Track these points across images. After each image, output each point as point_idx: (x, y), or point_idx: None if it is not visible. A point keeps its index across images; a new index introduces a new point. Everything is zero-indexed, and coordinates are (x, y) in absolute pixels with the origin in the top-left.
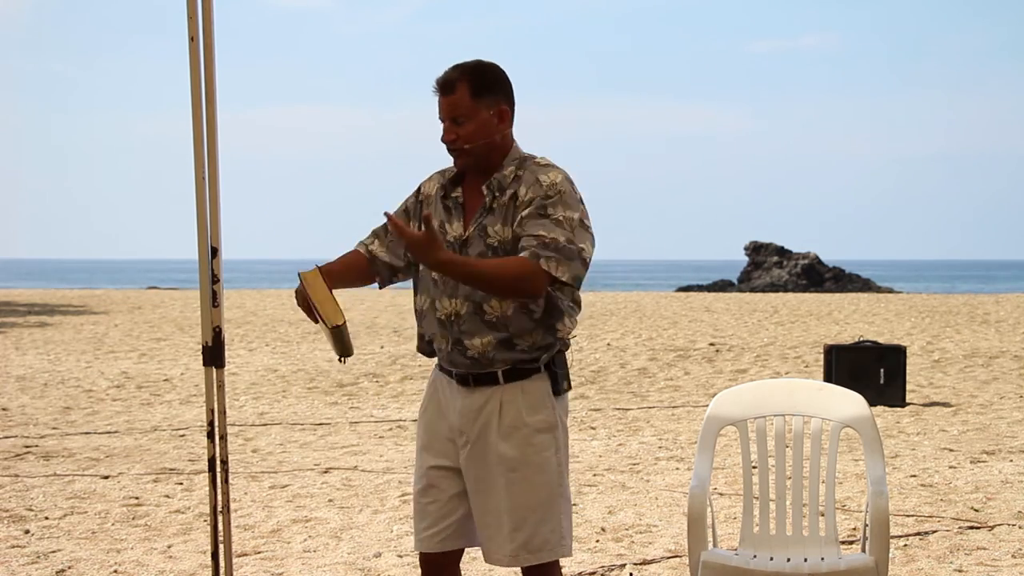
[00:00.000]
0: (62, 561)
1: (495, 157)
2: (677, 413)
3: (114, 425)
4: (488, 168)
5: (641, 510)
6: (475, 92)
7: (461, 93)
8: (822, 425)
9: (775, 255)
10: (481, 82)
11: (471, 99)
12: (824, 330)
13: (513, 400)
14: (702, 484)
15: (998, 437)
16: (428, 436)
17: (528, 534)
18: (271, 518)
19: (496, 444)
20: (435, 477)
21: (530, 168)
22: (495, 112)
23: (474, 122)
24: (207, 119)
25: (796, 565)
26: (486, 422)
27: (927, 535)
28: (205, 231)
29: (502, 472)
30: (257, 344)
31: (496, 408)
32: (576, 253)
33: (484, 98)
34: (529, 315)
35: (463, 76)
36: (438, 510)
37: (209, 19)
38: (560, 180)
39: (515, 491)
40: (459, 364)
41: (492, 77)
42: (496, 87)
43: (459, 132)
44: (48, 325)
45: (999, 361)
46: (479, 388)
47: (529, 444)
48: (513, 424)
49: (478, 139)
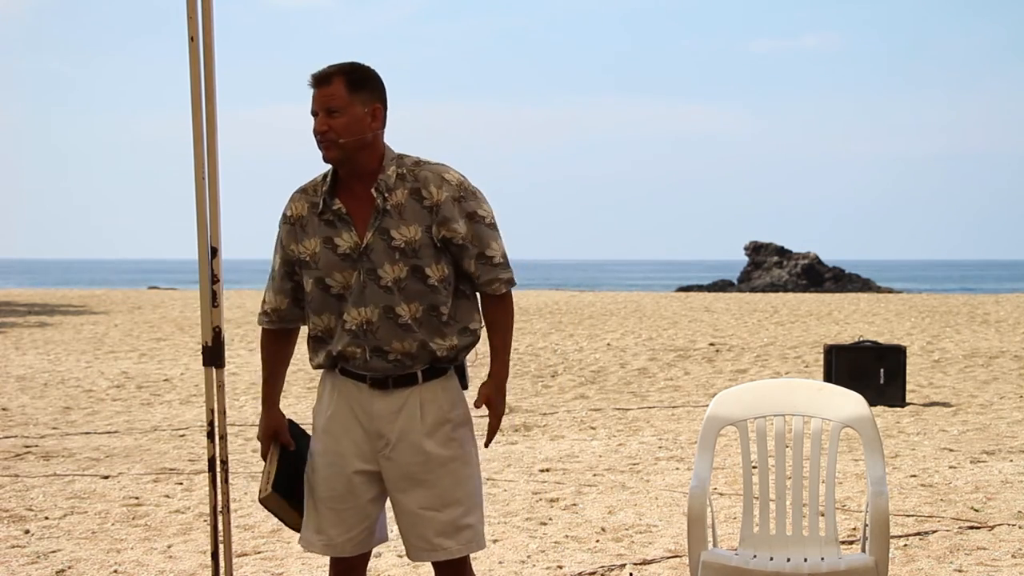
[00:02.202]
0: (62, 561)
1: (368, 157)
2: (677, 413)
3: (114, 425)
4: (361, 171)
5: (641, 510)
6: (351, 86)
7: (337, 86)
8: (822, 425)
9: (775, 255)
10: (357, 77)
11: (347, 93)
12: (824, 330)
13: (434, 398)
14: (702, 484)
15: (998, 437)
16: (343, 442)
17: (456, 527)
18: (271, 518)
19: (421, 442)
20: (357, 482)
21: (426, 167)
22: (369, 110)
23: (348, 116)
24: (207, 119)
25: (796, 565)
26: (407, 422)
27: (927, 535)
28: (205, 231)
29: (431, 469)
30: (257, 344)
31: (417, 407)
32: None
33: (359, 93)
34: (439, 316)
35: (340, 71)
36: (355, 515)
37: (209, 19)
38: (462, 176)
39: (444, 485)
40: (378, 369)
41: (368, 76)
42: (371, 85)
43: (332, 124)
44: (48, 325)
45: (999, 361)
46: (397, 389)
47: (452, 439)
48: (436, 421)
49: (351, 134)
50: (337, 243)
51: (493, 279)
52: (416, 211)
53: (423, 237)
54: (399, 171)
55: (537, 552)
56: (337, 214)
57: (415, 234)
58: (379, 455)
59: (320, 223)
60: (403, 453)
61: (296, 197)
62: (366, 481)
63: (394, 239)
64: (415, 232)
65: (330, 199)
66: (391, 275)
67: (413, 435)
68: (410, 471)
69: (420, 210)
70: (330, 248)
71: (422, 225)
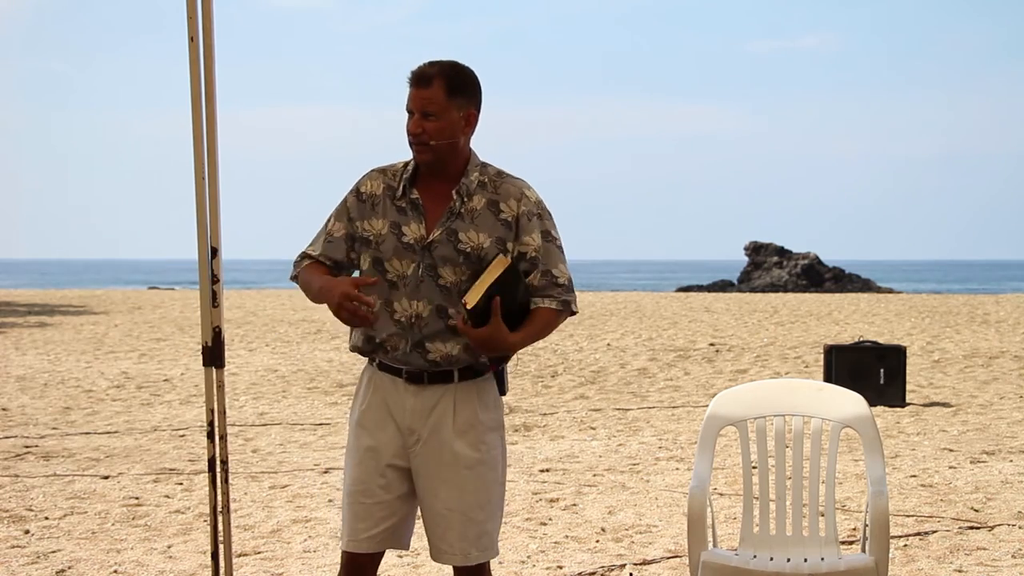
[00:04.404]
0: (62, 561)
1: (455, 161)
2: (677, 413)
3: (114, 425)
4: (445, 171)
5: (641, 510)
6: (450, 91)
7: (436, 88)
8: (822, 425)
9: (775, 255)
10: (457, 82)
11: (445, 96)
12: (824, 330)
13: (468, 399)
14: (702, 484)
15: (998, 437)
16: (376, 436)
17: (477, 532)
18: (271, 518)
19: (451, 442)
20: (390, 477)
21: (508, 180)
22: (464, 115)
23: (443, 120)
24: (207, 119)
25: (796, 565)
26: (439, 419)
27: (927, 535)
28: (205, 231)
29: (457, 470)
30: (257, 344)
31: (450, 406)
32: (572, 282)
33: (457, 98)
34: None
35: (441, 72)
36: (382, 511)
37: (209, 19)
38: (539, 196)
39: (469, 488)
40: (415, 364)
41: (468, 80)
42: (470, 91)
43: (426, 126)
44: (48, 325)
45: (999, 361)
46: (432, 386)
47: (482, 442)
48: (468, 422)
49: (444, 137)
50: (404, 231)
51: (549, 295)
52: (490, 221)
53: (491, 247)
54: (481, 179)
55: (537, 552)
56: (413, 203)
57: (484, 242)
58: (410, 451)
59: (392, 207)
60: (432, 451)
61: (373, 175)
62: (399, 477)
63: (461, 242)
64: (484, 240)
65: (409, 187)
66: (451, 276)
67: (444, 433)
68: (436, 471)
69: (494, 221)
70: (396, 234)
71: (492, 236)
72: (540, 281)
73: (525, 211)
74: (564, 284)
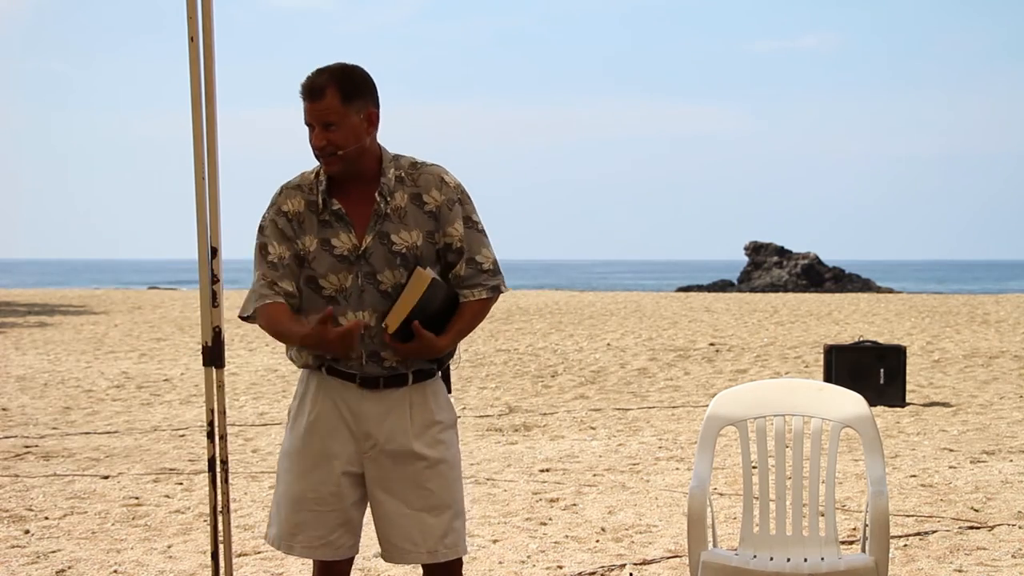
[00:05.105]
0: (62, 561)
1: (367, 163)
2: (677, 413)
3: (114, 425)
4: (360, 175)
5: (641, 510)
6: (344, 96)
7: (330, 98)
8: (822, 425)
9: (775, 255)
10: (350, 87)
11: (341, 103)
12: (824, 330)
13: (423, 400)
14: (702, 484)
15: (998, 437)
16: (328, 443)
17: (444, 529)
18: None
19: (410, 443)
20: (344, 484)
21: (424, 169)
22: (364, 116)
23: (344, 127)
24: (207, 119)
25: (796, 565)
26: (396, 423)
27: (927, 535)
28: (205, 231)
29: (419, 470)
30: (257, 344)
31: (406, 408)
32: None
33: (354, 102)
34: None
35: (331, 81)
36: (336, 518)
37: (209, 19)
38: (457, 179)
39: (432, 487)
40: (371, 371)
41: (360, 81)
42: (364, 90)
43: (330, 137)
44: (48, 325)
45: (999, 361)
46: (387, 390)
47: (440, 441)
48: (425, 423)
49: (350, 144)
50: (335, 244)
51: (477, 284)
52: (417, 216)
53: (424, 243)
54: (398, 173)
55: (537, 552)
56: (336, 215)
57: (416, 239)
58: (364, 456)
59: (317, 223)
60: (390, 454)
61: (290, 193)
62: (351, 483)
63: (395, 244)
64: (416, 237)
65: (328, 198)
66: (391, 280)
67: (402, 437)
68: (396, 473)
69: (421, 215)
70: (327, 249)
71: (423, 230)
72: (466, 271)
73: (446, 200)
74: (489, 269)
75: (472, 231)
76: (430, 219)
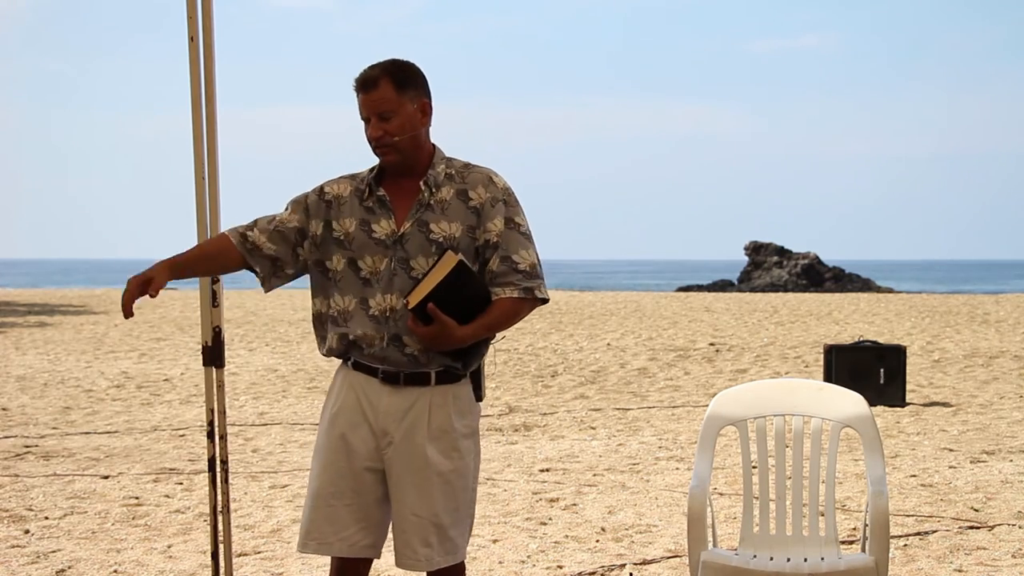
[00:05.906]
0: (62, 561)
1: (420, 156)
2: (677, 413)
3: (114, 425)
4: (412, 168)
5: (641, 510)
6: (398, 86)
7: (385, 88)
8: (822, 425)
9: (775, 255)
10: (403, 76)
11: (395, 93)
12: (824, 330)
13: (443, 404)
14: (702, 484)
15: (998, 437)
16: (349, 437)
17: (441, 538)
18: (271, 518)
19: (423, 446)
20: (365, 480)
21: (475, 169)
22: (419, 106)
23: (400, 116)
24: (207, 119)
25: (796, 565)
26: (413, 423)
27: (927, 535)
28: (205, 231)
29: (428, 475)
30: (257, 344)
31: (425, 409)
32: (541, 269)
33: (408, 91)
34: None
35: (384, 72)
36: (354, 513)
37: (209, 19)
38: (507, 183)
39: (438, 494)
40: (393, 361)
41: (413, 72)
42: (417, 81)
43: (386, 127)
44: (48, 325)
45: (999, 361)
46: (408, 387)
47: (455, 449)
48: (442, 428)
49: (405, 132)
50: (374, 228)
51: (509, 282)
52: (460, 210)
53: (463, 236)
54: (448, 171)
55: (537, 552)
56: (380, 200)
57: (455, 231)
58: (383, 453)
59: (360, 207)
60: (403, 454)
61: (340, 180)
62: (374, 479)
63: (433, 232)
64: (455, 229)
65: (375, 185)
66: (423, 267)
67: (417, 437)
68: (407, 475)
69: (464, 210)
70: (366, 231)
71: (464, 224)
72: (499, 267)
73: (490, 197)
74: (525, 270)
75: (513, 232)
76: (472, 214)
